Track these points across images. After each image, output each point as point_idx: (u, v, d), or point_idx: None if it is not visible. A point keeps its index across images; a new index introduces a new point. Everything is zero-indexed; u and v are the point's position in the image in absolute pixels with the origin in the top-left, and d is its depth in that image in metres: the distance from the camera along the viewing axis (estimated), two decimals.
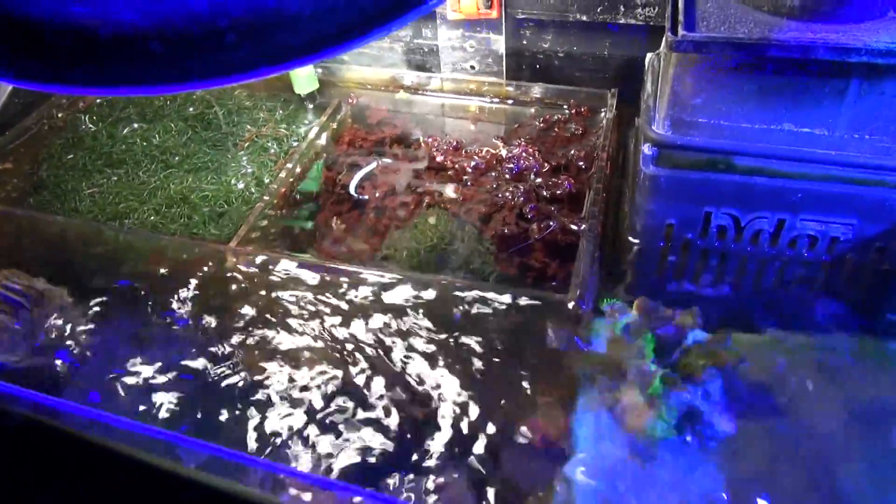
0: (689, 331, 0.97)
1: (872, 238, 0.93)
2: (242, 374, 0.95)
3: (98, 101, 1.46)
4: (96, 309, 1.03)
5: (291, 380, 0.94)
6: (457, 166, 1.22)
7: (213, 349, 0.98)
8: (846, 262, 0.96)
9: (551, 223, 1.07)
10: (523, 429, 0.86)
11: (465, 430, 0.86)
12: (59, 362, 0.97)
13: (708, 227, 0.98)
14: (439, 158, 1.25)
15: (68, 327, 1.00)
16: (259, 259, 1.06)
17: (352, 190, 1.26)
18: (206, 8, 0.57)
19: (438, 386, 0.92)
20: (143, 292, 1.05)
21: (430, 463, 0.83)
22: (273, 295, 1.03)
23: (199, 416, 0.90)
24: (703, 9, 0.91)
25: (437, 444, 0.86)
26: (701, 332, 0.98)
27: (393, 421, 0.88)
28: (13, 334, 1.01)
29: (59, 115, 1.44)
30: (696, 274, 1.04)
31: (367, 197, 1.24)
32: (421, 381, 0.92)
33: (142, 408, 0.91)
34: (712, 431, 0.89)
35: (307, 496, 0.58)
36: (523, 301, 0.94)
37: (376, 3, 0.62)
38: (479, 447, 0.84)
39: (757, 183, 0.92)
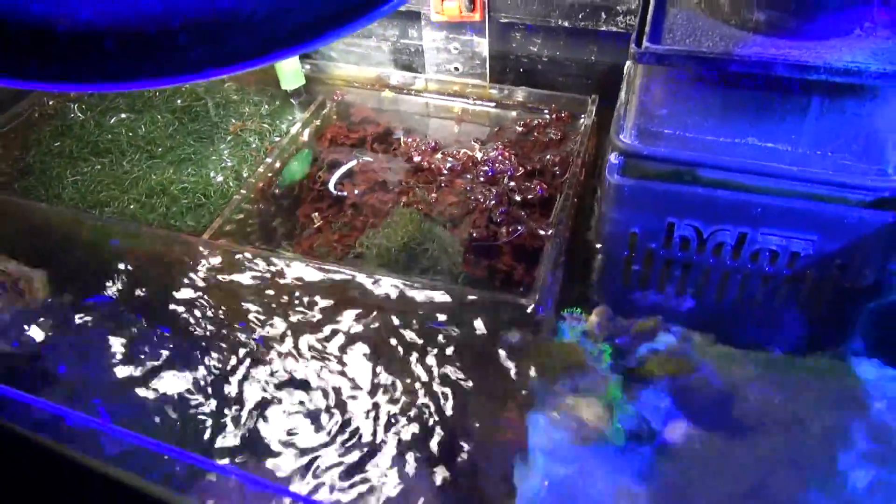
0: (647, 340, 0.98)
1: (833, 254, 0.94)
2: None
3: None
4: (67, 297, 1.06)
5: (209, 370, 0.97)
6: (433, 167, 1.24)
7: (164, 338, 1.00)
8: (807, 277, 0.97)
9: (519, 227, 1.08)
10: (472, 432, 0.87)
11: (405, 437, 0.87)
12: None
13: (671, 237, 0.98)
14: (417, 158, 1.26)
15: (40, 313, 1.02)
16: (225, 251, 1.08)
17: (331, 186, 1.27)
18: (159, 9, 0.59)
19: (384, 385, 0.93)
20: (108, 280, 1.08)
21: (371, 464, 0.85)
22: (231, 287, 1.05)
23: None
24: (672, 20, 0.91)
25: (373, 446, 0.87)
26: (660, 341, 0.99)
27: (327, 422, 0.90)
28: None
29: (50, 102, 1.46)
30: (660, 284, 1.04)
31: (345, 194, 1.25)
32: (360, 384, 0.94)
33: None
34: (662, 440, 0.90)
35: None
36: (483, 304, 0.95)
37: (329, 6, 0.63)
38: (419, 453, 0.86)
39: (719, 196, 0.93)
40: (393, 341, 0.96)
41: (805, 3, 0.83)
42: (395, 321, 0.97)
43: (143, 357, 0.97)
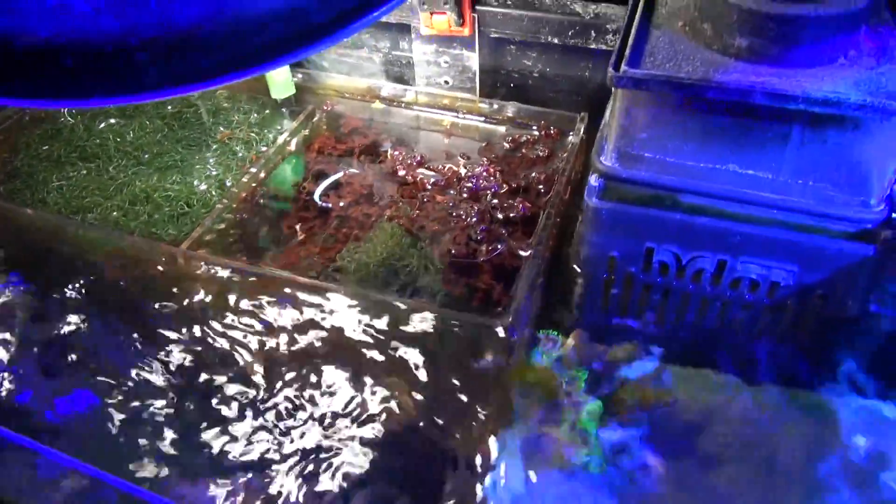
0: (623, 366, 0.97)
1: (814, 285, 0.92)
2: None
3: None
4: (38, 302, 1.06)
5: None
6: (417, 181, 1.23)
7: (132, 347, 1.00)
8: (788, 307, 0.95)
9: (499, 246, 1.07)
10: (433, 457, 0.86)
11: (363, 464, 0.87)
12: None
13: (650, 262, 0.97)
14: (401, 172, 1.25)
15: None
16: (202, 262, 1.07)
17: (316, 198, 1.27)
18: (117, 27, 0.58)
19: (338, 407, 0.92)
20: (81, 286, 1.08)
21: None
22: (201, 297, 1.05)
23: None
24: (654, 43, 0.90)
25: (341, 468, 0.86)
26: (637, 368, 0.97)
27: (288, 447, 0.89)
28: None
29: (82, 108, 1.46)
30: (639, 309, 1.03)
31: (330, 205, 1.25)
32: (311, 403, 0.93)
33: None
34: (635, 469, 0.89)
35: None
36: (456, 323, 0.94)
37: (287, 29, 0.62)
38: (384, 475, 0.85)
39: (699, 222, 0.91)
40: (356, 360, 0.96)
41: (787, 31, 0.82)
42: (363, 339, 0.97)
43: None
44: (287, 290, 1.02)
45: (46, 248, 1.16)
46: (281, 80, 1.41)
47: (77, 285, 1.08)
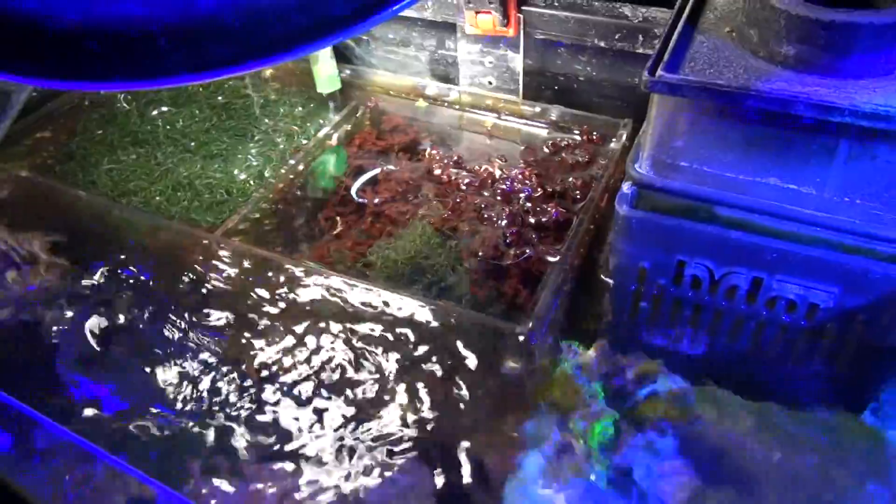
0: (647, 381, 0.93)
1: (856, 309, 0.86)
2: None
3: None
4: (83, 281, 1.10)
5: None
6: (452, 181, 1.22)
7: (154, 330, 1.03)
8: (826, 331, 0.90)
9: (528, 250, 1.05)
10: (444, 463, 0.85)
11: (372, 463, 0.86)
12: None
13: (681, 275, 0.93)
14: (437, 171, 1.25)
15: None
16: (231, 250, 1.09)
17: (353, 193, 1.28)
18: (141, 13, 0.60)
19: (351, 407, 0.92)
20: (117, 267, 1.12)
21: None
22: (229, 283, 1.07)
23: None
24: (697, 49, 0.87)
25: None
26: (661, 383, 0.94)
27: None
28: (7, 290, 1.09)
29: (101, 91, 1.52)
30: (668, 323, 0.99)
31: (366, 201, 1.25)
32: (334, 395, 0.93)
33: None
34: (650, 487, 0.86)
35: None
36: (477, 326, 0.93)
37: (307, 19, 0.62)
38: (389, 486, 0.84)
39: (734, 236, 0.87)
40: (374, 359, 0.95)
41: (838, 39, 0.77)
42: (384, 336, 0.96)
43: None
44: (314, 281, 1.03)
45: (90, 228, 1.20)
46: (327, 76, 1.43)
47: (113, 266, 1.12)
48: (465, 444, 0.87)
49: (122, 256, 1.13)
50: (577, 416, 0.90)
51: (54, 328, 1.02)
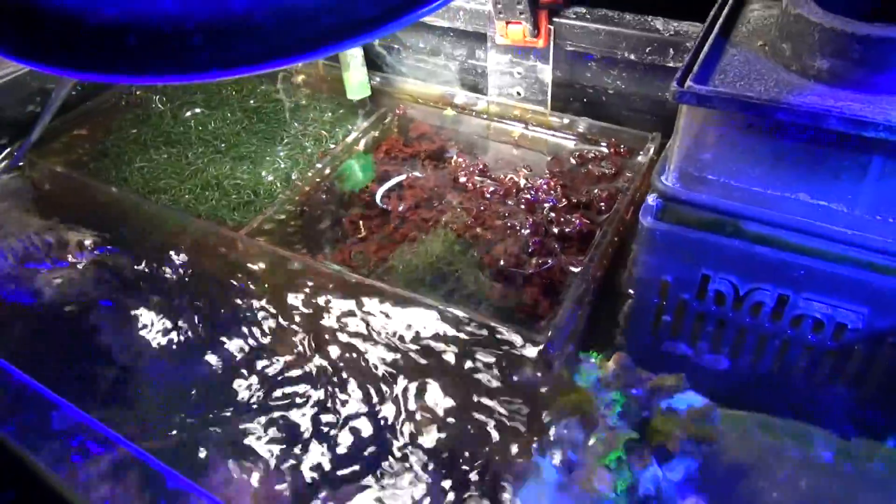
0: (666, 396, 0.92)
1: (885, 331, 0.84)
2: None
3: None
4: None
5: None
6: (476, 189, 1.22)
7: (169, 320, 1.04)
8: (854, 352, 0.88)
9: (550, 260, 1.04)
10: (462, 471, 0.84)
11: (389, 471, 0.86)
12: None
13: (705, 290, 0.92)
14: (462, 179, 1.25)
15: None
16: (253, 249, 1.10)
17: (377, 198, 1.28)
18: (177, 9, 0.61)
19: (364, 411, 0.92)
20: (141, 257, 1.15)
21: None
22: (251, 281, 1.08)
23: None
24: (728, 61, 0.86)
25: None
26: (681, 400, 0.92)
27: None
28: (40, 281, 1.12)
29: (137, 91, 1.56)
30: (691, 338, 0.97)
31: (390, 207, 1.26)
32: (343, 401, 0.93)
33: None
34: None
35: None
36: (494, 334, 0.92)
37: (336, 20, 0.63)
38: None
39: (761, 252, 0.86)
40: (392, 363, 0.95)
41: (873, 53, 0.76)
42: (401, 342, 0.96)
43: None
44: (333, 284, 1.03)
45: (121, 222, 1.23)
46: (357, 82, 1.44)
47: (142, 259, 1.14)
48: (479, 453, 0.86)
49: (150, 250, 1.15)
50: (593, 430, 0.88)
51: (85, 319, 1.04)
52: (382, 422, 0.91)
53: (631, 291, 0.99)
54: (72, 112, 1.47)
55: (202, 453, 0.86)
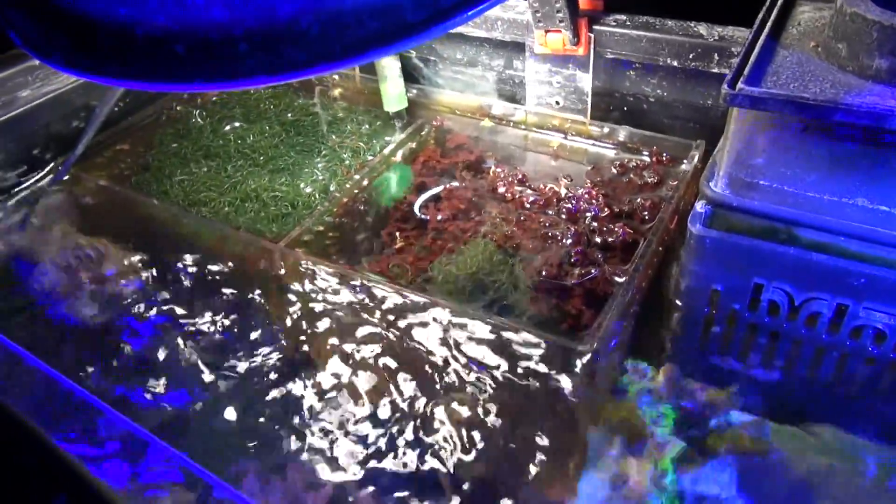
0: (718, 410, 0.88)
1: None
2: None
3: (212, 98, 1.59)
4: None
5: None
6: (516, 199, 1.20)
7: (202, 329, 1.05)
8: None
9: (593, 270, 1.02)
10: (508, 484, 0.82)
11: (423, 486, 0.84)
12: None
13: (758, 300, 0.88)
14: (501, 189, 1.23)
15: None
16: (292, 260, 1.10)
17: (416, 209, 1.28)
18: (226, 18, 0.61)
19: (405, 418, 0.90)
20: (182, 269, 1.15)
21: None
22: (281, 294, 1.08)
23: None
24: (780, 62, 0.83)
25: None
26: (734, 413, 0.89)
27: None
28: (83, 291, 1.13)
29: (178, 107, 1.58)
30: (742, 350, 0.94)
31: (428, 217, 1.25)
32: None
33: None
34: None
35: None
36: (539, 344, 0.90)
37: (381, 25, 0.63)
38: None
39: (817, 260, 0.82)
40: (431, 371, 0.93)
41: None
42: (442, 350, 0.94)
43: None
44: (374, 293, 1.02)
45: (162, 234, 1.24)
46: (395, 94, 1.44)
47: (181, 269, 1.15)
48: (525, 465, 0.84)
49: (191, 261, 1.16)
50: (642, 443, 0.85)
51: (128, 328, 1.05)
52: (416, 428, 0.90)
53: (678, 302, 0.96)
54: (114, 127, 1.50)
55: (247, 464, 0.85)
